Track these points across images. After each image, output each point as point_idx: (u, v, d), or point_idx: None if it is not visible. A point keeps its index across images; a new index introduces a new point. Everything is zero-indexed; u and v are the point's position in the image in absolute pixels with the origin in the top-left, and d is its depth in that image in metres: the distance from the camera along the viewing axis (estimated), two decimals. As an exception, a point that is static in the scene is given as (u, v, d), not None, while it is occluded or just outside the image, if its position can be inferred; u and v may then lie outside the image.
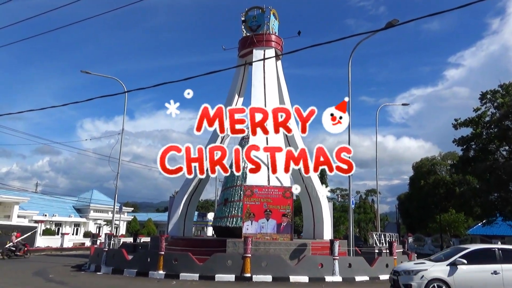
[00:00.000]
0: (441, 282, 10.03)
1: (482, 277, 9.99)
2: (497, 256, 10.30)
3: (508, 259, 10.22)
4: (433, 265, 10.54)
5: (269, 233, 17.07)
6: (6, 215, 34.38)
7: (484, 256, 10.44)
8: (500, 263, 10.13)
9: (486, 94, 33.52)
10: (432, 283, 10.02)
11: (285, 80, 24.60)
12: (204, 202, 70.01)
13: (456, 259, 10.28)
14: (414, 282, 10.15)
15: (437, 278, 10.07)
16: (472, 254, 10.43)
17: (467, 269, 10.07)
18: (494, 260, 10.21)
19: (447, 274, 10.08)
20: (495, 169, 31.07)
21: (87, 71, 25.01)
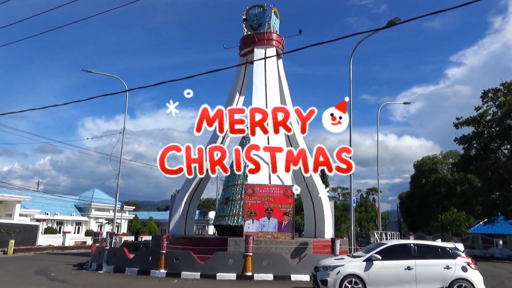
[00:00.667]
0: (356, 278, 10.09)
1: (396, 273, 10.07)
2: (412, 252, 10.34)
3: (422, 254, 10.27)
4: (350, 261, 10.62)
5: (270, 232, 17.09)
6: (8, 214, 34.47)
7: (400, 252, 10.49)
8: (414, 258, 10.17)
9: (487, 92, 33.47)
10: (347, 278, 10.09)
11: (286, 79, 24.61)
12: (205, 200, 70.10)
13: (372, 255, 10.35)
14: (330, 278, 10.20)
15: (353, 274, 10.14)
16: (388, 250, 10.52)
17: (382, 264, 10.16)
18: (409, 256, 10.25)
19: (362, 269, 10.16)
20: (497, 167, 31.04)
21: (88, 70, 25.07)
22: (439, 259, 10.18)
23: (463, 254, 10.44)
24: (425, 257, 10.23)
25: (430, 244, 11.07)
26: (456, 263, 10.05)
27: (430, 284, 9.95)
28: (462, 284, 9.81)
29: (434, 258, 10.21)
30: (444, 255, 10.26)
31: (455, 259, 10.14)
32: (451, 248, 10.47)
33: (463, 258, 10.24)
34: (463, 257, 10.27)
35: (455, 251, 10.38)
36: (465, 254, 10.53)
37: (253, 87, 21.73)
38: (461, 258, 10.21)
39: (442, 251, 10.40)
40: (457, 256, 10.24)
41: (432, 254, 10.32)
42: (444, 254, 10.28)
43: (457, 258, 10.19)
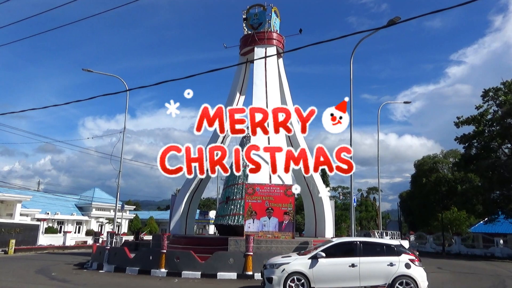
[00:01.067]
0: (300, 275, 10.10)
1: (340, 270, 10.12)
2: (357, 249, 10.39)
3: (367, 252, 10.32)
4: (296, 259, 10.60)
5: (270, 231, 17.10)
6: (8, 213, 34.50)
7: (346, 249, 10.57)
8: (359, 256, 10.23)
9: (488, 91, 33.42)
10: (292, 276, 10.09)
11: (287, 78, 24.61)
12: (205, 200, 70.07)
13: (317, 253, 10.40)
14: (275, 275, 10.20)
15: (297, 271, 10.14)
16: (334, 248, 10.59)
17: (326, 262, 10.20)
18: (354, 253, 10.32)
19: (307, 267, 10.18)
20: (497, 167, 31.01)
21: (89, 70, 25.05)
22: (384, 256, 10.24)
23: (408, 251, 10.54)
24: (370, 254, 10.28)
25: (375, 241, 11.24)
26: (400, 260, 10.11)
27: (373, 281, 10.04)
28: (404, 280, 9.88)
29: (379, 256, 10.27)
30: (389, 253, 10.31)
31: (399, 256, 10.18)
32: (396, 246, 10.56)
33: (407, 255, 10.28)
34: (408, 254, 10.32)
35: (400, 249, 10.44)
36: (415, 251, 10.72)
37: (254, 86, 21.73)
38: (405, 255, 10.26)
39: (387, 248, 10.46)
40: (402, 253, 10.29)
41: (377, 252, 10.39)
42: (389, 252, 10.34)
43: (401, 255, 10.23)
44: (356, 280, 10.01)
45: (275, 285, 10.11)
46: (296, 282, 10.06)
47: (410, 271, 9.96)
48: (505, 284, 14.85)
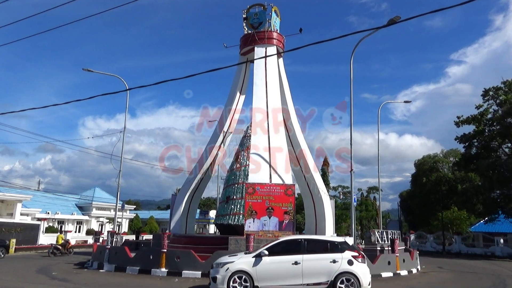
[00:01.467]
0: (244, 274, 10.12)
1: (283, 267, 10.11)
2: (302, 247, 10.40)
3: (311, 249, 10.34)
4: (240, 258, 10.63)
5: (271, 231, 17.10)
6: (9, 213, 34.51)
7: (290, 247, 10.57)
8: (303, 253, 10.23)
9: (488, 91, 33.42)
10: (235, 274, 10.12)
11: (287, 78, 24.59)
12: (206, 199, 70.09)
13: (261, 251, 10.43)
14: (219, 274, 10.23)
15: (241, 270, 10.17)
16: (279, 246, 10.60)
17: (270, 260, 10.20)
18: (298, 251, 10.31)
19: (251, 265, 10.19)
20: (498, 166, 31.02)
21: (89, 69, 25.04)
22: (327, 253, 10.25)
23: (353, 248, 10.62)
24: (313, 252, 10.30)
25: (320, 238, 11.27)
26: (343, 257, 10.13)
27: (316, 278, 10.04)
28: (346, 277, 9.92)
29: (322, 253, 10.28)
30: (333, 250, 10.33)
31: (342, 253, 10.20)
32: (340, 243, 10.58)
33: (350, 252, 10.31)
34: (351, 251, 10.35)
35: (344, 245, 10.46)
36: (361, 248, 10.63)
37: (254, 86, 21.72)
38: (348, 252, 10.28)
39: (331, 245, 10.49)
40: (345, 250, 10.31)
41: (321, 249, 10.40)
42: (333, 249, 10.36)
43: (344, 252, 10.24)
44: (299, 278, 10.03)
45: (219, 284, 10.13)
46: (239, 280, 10.10)
47: (352, 268, 9.99)
48: (506, 284, 14.86)
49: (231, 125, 24.42)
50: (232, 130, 24.70)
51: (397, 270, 16.63)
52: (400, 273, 16.61)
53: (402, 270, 16.93)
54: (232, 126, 24.62)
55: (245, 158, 22.74)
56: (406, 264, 17.64)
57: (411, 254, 18.79)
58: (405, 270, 17.17)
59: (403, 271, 17.02)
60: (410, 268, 17.88)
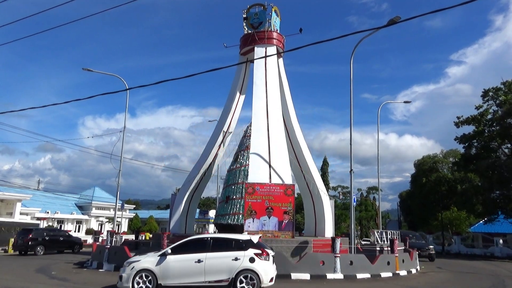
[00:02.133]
0: (148, 272, 10.29)
1: (186, 266, 10.30)
2: (207, 245, 10.58)
3: (216, 247, 10.49)
4: (146, 256, 10.84)
5: (270, 231, 17.10)
6: (8, 212, 34.54)
7: (196, 246, 10.73)
8: (207, 252, 10.40)
9: (488, 91, 33.44)
10: (140, 273, 10.29)
11: (287, 78, 24.60)
12: (205, 199, 70.10)
13: (165, 250, 10.68)
14: (125, 273, 10.42)
15: (145, 269, 10.34)
16: (184, 244, 10.79)
17: (174, 258, 10.39)
18: (203, 249, 10.48)
19: (154, 264, 10.38)
20: (497, 166, 31.04)
21: (89, 69, 25.04)
22: (231, 251, 10.39)
23: (258, 246, 10.66)
24: (218, 250, 10.44)
25: (225, 237, 11.35)
26: (245, 254, 10.27)
27: (217, 276, 10.19)
28: (247, 274, 10.07)
29: (226, 251, 10.41)
30: (236, 247, 10.47)
31: (245, 251, 10.34)
32: (245, 241, 10.69)
33: (254, 250, 10.42)
34: (255, 249, 10.45)
35: (248, 244, 10.58)
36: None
37: (254, 85, 21.72)
38: (252, 250, 10.40)
39: (235, 243, 10.63)
40: (249, 248, 10.45)
41: (225, 247, 10.52)
42: (237, 246, 10.50)
43: (248, 250, 10.39)
44: (201, 276, 10.20)
45: (124, 282, 10.29)
46: (143, 279, 10.25)
47: (254, 265, 10.13)
48: (505, 284, 14.87)
49: (230, 125, 24.43)
50: (231, 130, 24.71)
51: (397, 270, 16.64)
52: (399, 273, 16.61)
53: (401, 270, 16.93)
54: (232, 126, 24.63)
55: (244, 158, 22.76)
56: (406, 264, 17.65)
57: (411, 255, 18.80)
58: (404, 270, 17.17)
59: (403, 271, 17.02)
60: (410, 268, 17.89)
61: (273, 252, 11.05)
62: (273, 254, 10.94)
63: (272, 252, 10.93)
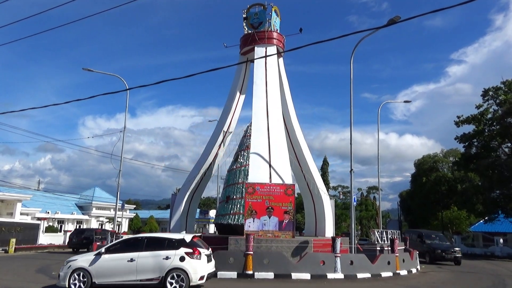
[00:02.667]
0: (83, 271, 10.59)
1: (119, 265, 10.56)
2: (141, 244, 10.83)
3: (149, 247, 10.73)
4: (83, 256, 11.28)
5: (271, 231, 17.10)
6: (9, 213, 34.53)
7: (130, 245, 11.04)
8: (141, 251, 10.63)
9: (488, 91, 33.43)
10: (76, 272, 10.59)
11: (287, 77, 24.59)
12: (206, 199, 70.13)
13: (100, 249, 11.01)
14: (62, 272, 10.72)
15: (81, 267, 10.64)
16: (120, 244, 11.16)
17: (108, 257, 10.70)
18: (136, 249, 10.74)
19: (89, 263, 10.69)
20: (497, 166, 31.05)
21: (89, 69, 25.04)
22: (163, 250, 10.60)
23: (190, 245, 10.81)
24: (151, 249, 10.65)
25: (159, 236, 11.57)
26: (176, 253, 10.48)
27: (148, 274, 10.40)
28: (176, 273, 10.27)
29: (159, 250, 10.62)
30: (169, 247, 10.67)
31: (176, 250, 10.55)
32: (177, 240, 10.88)
33: (185, 249, 10.59)
34: (186, 248, 10.63)
35: (180, 243, 10.77)
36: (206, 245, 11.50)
37: (254, 85, 21.72)
38: (183, 248, 10.59)
39: (168, 242, 10.82)
40: (180, 247, 10.63)
41: (158, 246, 10.73)
42: (169, 246, 10.69)
43: (179, 249, 10.58)
44: (133, 274, 10.42)
45: (61, 280, 10.57)
46: (79, 277, 10.53)
47: (183, 264, 10.32)
48: (505, 284, 14.87)
49: (231, 125, 24.42)
50: (232, 130, 24.71)
51: (397, 270, 16.65)
52: (399, 273, 16.62)
53: (401, 270, 16.94)
54: (232, 126, 24.63)
55: (245, 158, 22.74)
56: (406, 264, 17.66)
57: (411, 254, 18.80)
58: (404, 270, 17.18)
59: (403, 271, 17.03)
60: (410, 268, 17.90)
61: (208, 251, 11.28)
62: (207, 253, 11.18)
63: (207, 251, 11.19)
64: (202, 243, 11.54)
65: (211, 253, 11.53)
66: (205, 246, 11.42)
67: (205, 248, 11.28)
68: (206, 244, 11.84)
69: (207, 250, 11.32)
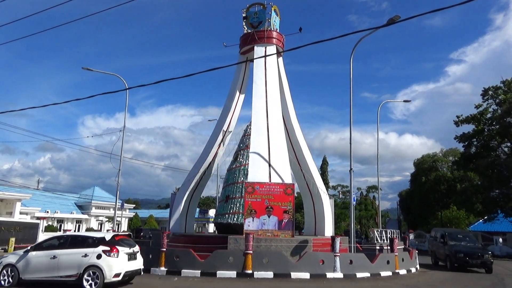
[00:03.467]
0: (12, 267, 11.43)
1: (43, 261, 11.22)
2: (65, 242, 11.57)
3: (71, 245, 11.40)
4: (15, 252, 12.13)
5: (270, 230, 17.11)
6: (8, 212, 34.53)
7: (56, 243, 11.77)
8: (62, 248, 11.31)
9: (488, 90, 33.44)
10: (5, 268, 11.47)
11: (287, 77, 24.57)
12: (205, 198, 70.14)
13: (29, 247, 11.82)
14: None
15: (10, 264, 11.48)
16: (47, 241, 12.05)
17: (35, 255, 11.44)
18: (60, 247, 11.44)
19: (17, 260, 11.47)
20: (497, 165, 31.09)
21: (88, 68, 25.01)
22: (83, 248, 11.17)
23: (110, 243, 11.21)
24: (73, 247, 11.29)
25: (82, 235, 12.48)
26: (94, 251, 11.00)
27: (68, 271, 10.97)
28: (93, 270, 10.79)
29: (79, 248, 11.21)
30: (89, 245, 11.23)
31: (95, 248, 11.06)
32: (97, 238, 11.41)
33: (103, 247, 11.05)
34: (105, 246, 11.06)
35: (100, 241, 11.26)
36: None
37: (253, 85, 21.71)
38: (102, 246, 11.06)
39: (89, 241, 11.41)
40: (99, 245, 11.11)
41: (80, 244, 11.34)
42: (89, 244, 11.26)
43: (98, 247, 11.06)
44: (55, 271, 11.05)
45: None
46: (7, 273, 11.37)
47: (99, 261, 10.81)
48: (504, 283, 14.90)
49: (230, 124, 24.41)
50: (231, 129, 24.69)
51: (396, 269, 16.67)
52: (399, 272, 16.64)
53: (401, 269, 16.96)
54: (232, 125, 24.61)
55: (244, 157, 22.74)
56: (405, 263, 17.67)
57: (410, 254, 18.82)
58: (404, 269, 17.20)
59: (402, 270, 17.05)
60: (409, 267, 17.92)
61: (130, 250, 11.63)
62: (129, 252, 11.54)
63: (128, 249, 11.58)
64: (127, 242, 12.03)
65: (136, 252, 11.98)
66: (129, 245, 11.91)
67: (128, 247, 11.73)
68: (134, 243, 12.47)
69: (130, 248, 11.73)
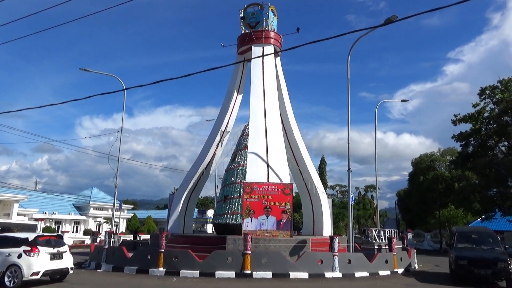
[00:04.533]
0: None
1: None
2: None
3: (1, 245, 12.01)
4: None
5: (269, 230, 17.11)
6: (6, 213, 34.40)
7: None
8: None
9: (485, 89, 33.53)
10: None
11: (284, 77, 24.60)
12: (203, 199, 70.04)
13: None
14: None
15: None
16: None
17: None
18: None
19: None
20: (494, 164, 31.15)
21: (85, 69, 24.96)
22: (8, 248, 11.87)
23: (32, 243, 11.84)
24: (1, 246, 11.95)
25: (9, 236, 13.17)
26: (16, 251, 11.72)
27: None
28: (14, 268, 11.53)
29: (6, 248, 11.90)
30: (14, 245, 11.94)
31: (18, 248, 11.78)
32: (21, 239, 12.13)
33: (25, 247, 11.75)
34: (26, 246, 11.75)
35: (23, 241, 11.96)
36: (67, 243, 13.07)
37: (251, 85, 21.72)
38: (24, 247, 11.78)
39: (14, 241, 12.14)
40: (22, 245, 11.84)
41: (6, 244, 12.03)
42: (14, 244, 11.97)
43: (21, 247, 11.79)
44: None
45: None
46: None
47: (19, 260, 11.56)
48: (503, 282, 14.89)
49: (228, 124, 24.42)
50: (229, 129, 24.71)
51: (395, 269, 16.70)
52: (397, 272, 16.67)
53: (399, 269, 16.99)
54: (230, 125, 24.63)
55: (242, 157, 22.74)
56: (404, 263, 17.71)
57: (409, 253, 18.85)
58: (402, 269, 17.23)
59: (401, 269, 17.08)
60: (408, 266, 17.95)
61: (54, 250, 12.21)
62: (53, 252, 12.16)
63: (52, 249, 12.18)
64: (52, 243, 12.50)
65: (62, 251, 12.48)
66: (54, 245, 12.40)
67: (52, 247, 12.29)
68: (63, 243, 12.97)
69: (54, 248, 12.27)
